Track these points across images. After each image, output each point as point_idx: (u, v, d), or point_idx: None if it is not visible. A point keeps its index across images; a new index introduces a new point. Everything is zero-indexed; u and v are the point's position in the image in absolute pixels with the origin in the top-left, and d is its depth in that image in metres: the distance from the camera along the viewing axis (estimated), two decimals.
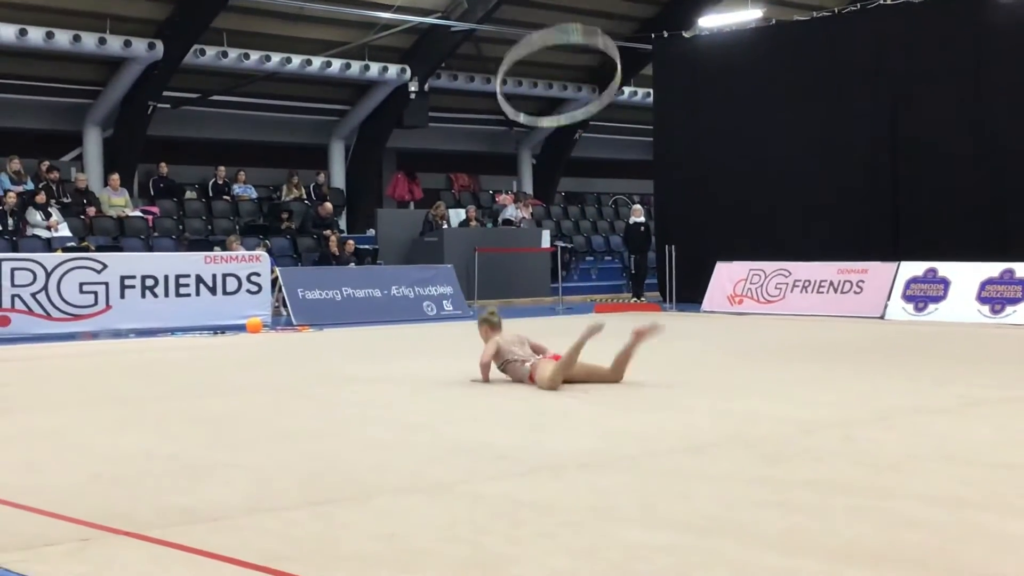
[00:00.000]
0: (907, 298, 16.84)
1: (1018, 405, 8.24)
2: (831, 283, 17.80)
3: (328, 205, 22.98)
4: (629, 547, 4.35)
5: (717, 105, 21.38)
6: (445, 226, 22.86)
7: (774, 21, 22.18)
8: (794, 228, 19.90)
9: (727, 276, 19.10)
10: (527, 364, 9.24)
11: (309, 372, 10.89)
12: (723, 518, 4.79)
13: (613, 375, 9.29)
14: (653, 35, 23.30)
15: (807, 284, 18.08)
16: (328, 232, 21.00)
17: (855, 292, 17.48)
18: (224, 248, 18.89)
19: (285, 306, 17.25)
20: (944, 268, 16.66)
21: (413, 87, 24.64)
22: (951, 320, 16.01)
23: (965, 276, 16.35)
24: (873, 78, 19.33)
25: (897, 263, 17.27)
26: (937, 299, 16.52)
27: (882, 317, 16.84)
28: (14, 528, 4.78)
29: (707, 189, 21.41)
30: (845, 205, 19.50)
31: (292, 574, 4.05)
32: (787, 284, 18.32)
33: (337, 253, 20.01)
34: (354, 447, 6.73)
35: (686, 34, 22.55)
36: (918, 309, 16.65)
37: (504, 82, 9.55)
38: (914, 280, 16.88)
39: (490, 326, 9.62)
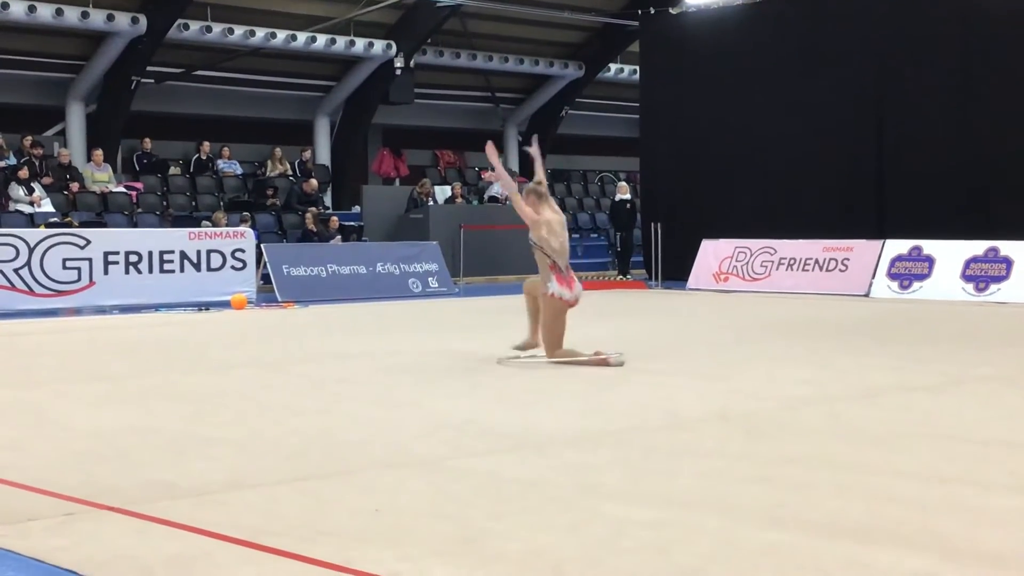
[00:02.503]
0: (892, 276, 16.88)
1: (1001, 383, 8.27)
2: (816, 261, 17.83)
3: (313, 182, 22.90)
4: (613, 522, 4.36)
5: (703, 82, 21.35)
6: (431, 203, 22.81)
7: None
8: (780, 206, 19.90)
9: (713, 254, 19.12)
10: (552, 276, 9.17)
11: (294, 348, 10.87)
12: (707, 494, 4.81)
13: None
14: (640, 11, 23.23)
15: (792, 262, 18.11)
16: (312, 208, 20.90)
17: (840, 270, 17.51)
18: (213, 224, 18.83)
19: (269, 281, 17.21)
20: (929, 246, 16.70)
21: (399, 63, 24.52)
22: (936, 298, 16.05)
23: (950, 254, 16.39)
24: (860, 55, 19.31)
25: (882, 241, 17.30)
26: (922, 277, 16.56)
27: (867, 295, 16.88)
28: None
29: (693, 167, 21.40)
30: (831, 183, 19.50)
31: (277, 549, 4.05)
32: (772, 262, 18.34)
33: (315, 230, 19.91)
34: (339, 423, 6.73)
35: (673, 11, 22.49)
36: (903, 287, 16.69)
37: None
38: (899, 258, 16.92)
39: (537, 196, 9.31)
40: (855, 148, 19.37)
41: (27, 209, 19.13)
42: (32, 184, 19.57)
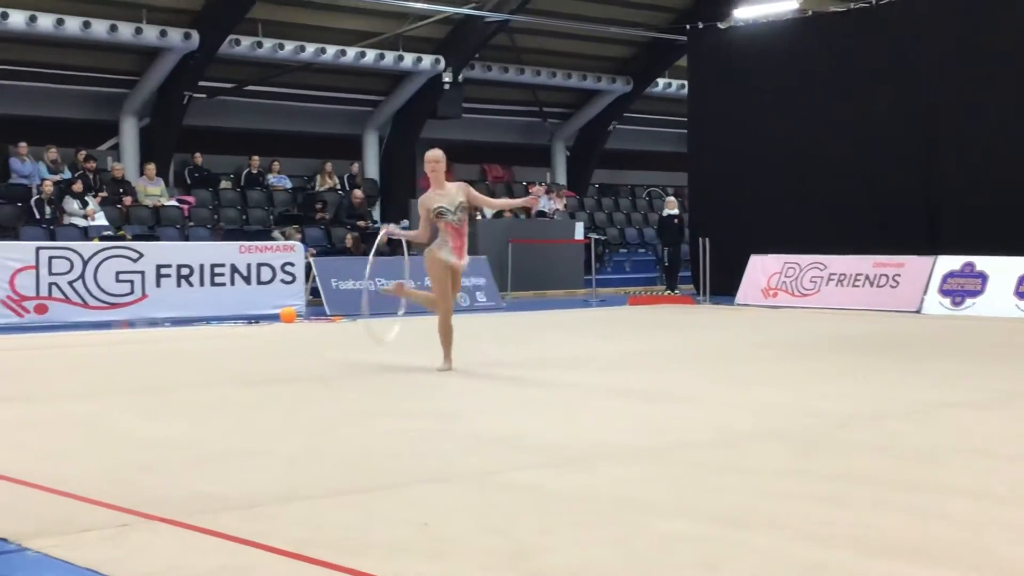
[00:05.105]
0: (944, 292, 16.71)
1: None
2: (867, 277, 17.68)
3: (358, 192, 23.01)
4: (661, 538, 4.35)
5: (752, 97, 21.28)
6: (479, 217, 22.86)
7: (810, 12, 22.03)
8: (829, 221, 19.75)
9: (761, 269, 19.02)
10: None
11: (342, 361, 10.93)
12: (754, 510, 4.78)
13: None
14: (688, 26, 23.20)
15: (842, 278, 17.98)
16: (353, 232, 20.97)
17: (891, 286, 17.36)
18: (285, 238, 19.12)
19: (318, 295, 17.31)
20: (982, 262, 16.51)
21: (447, 78, 24.64)
22: (989, 315, 15.87)
23: (1003, 271, 16.19)
24: (911, 68, 19.16)
25: (934, 257, 17.13)
26: (975, 293, 16.38)
27: (918, 311, 16.72)
28: (50, 514, 4.84)
29: (742, 181, 21.31)
30: (881, 198, 19.34)
31: (325, 561, 4.07)
32: (822, 277, 18.22)
33: (355, 251, 19.98)
34: (387, 436, 6.76)
35: (721, 25, 22.44)
36: (955, 304, 16.52)
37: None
38: (951, 274, 16.75)
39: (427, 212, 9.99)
40: (906, 162, 19.21)
41: (81, 223, 19.40)
42: (86, 198, 19.85)
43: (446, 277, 9.82)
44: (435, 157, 9.93)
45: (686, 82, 24.63)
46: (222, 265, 16.62)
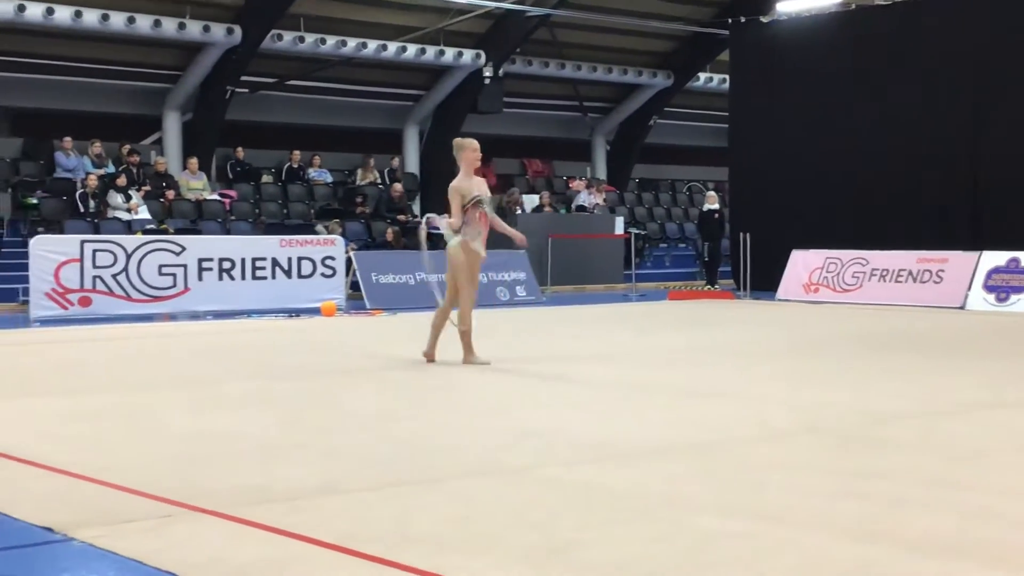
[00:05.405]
0: (988, 288, 16.54)
1: None
2: (910, 272, 17.54)
3: (398, 186, 23.08)
4: (702, 534, 4.34)
5: (794, 91, 21.15)
6: (519, 212, 22.86)
7: (854, 5, 21.86)
8: (872, 216, 19.61)
9: (803, 264, 18.90)
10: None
11: (382, 355, 10.97)
12: (796, 507, 4.76)
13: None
14: (730, 20, 23.08)
15: (885, 273, 17.83)
16: (400, 215, 21.06)
17: (935, 282, 17.21)
18: (328, 232, 19.22)
19: (358, 289, 17.39)
20: None
21: (488, 72, 24.65)
22: None
23: None
24: (955, 64, 18.97)
25: (979, 253, 16.96)
26: (1020, 290, 16.20)
27: (962, 308, 16.56)
28: (96, 505, 4.89)
29: (783, 176, 21.19)
30: (925, 193, 19.18)
31: (367, 554, 4.09)
32: (864, 273, 18.09)
33: (395, 245, 20.07)
34: (428, 430, 6.78)
35: (764, 19, 22.31)
36: (1000, 300, 16.35)
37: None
38: (996, 270, 16.57)
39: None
40: (950, 158, 19.03)
41: (125, 216, 19.58)
42: (130, 192, 20.03)
43: (478, 270, 9.84)
44: (477, 146, 9.92)
45: (727, 76, 24.52)
46: (263, 259, 16.72)
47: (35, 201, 20.07)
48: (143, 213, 19.89)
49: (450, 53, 24.27)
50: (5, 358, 11.10)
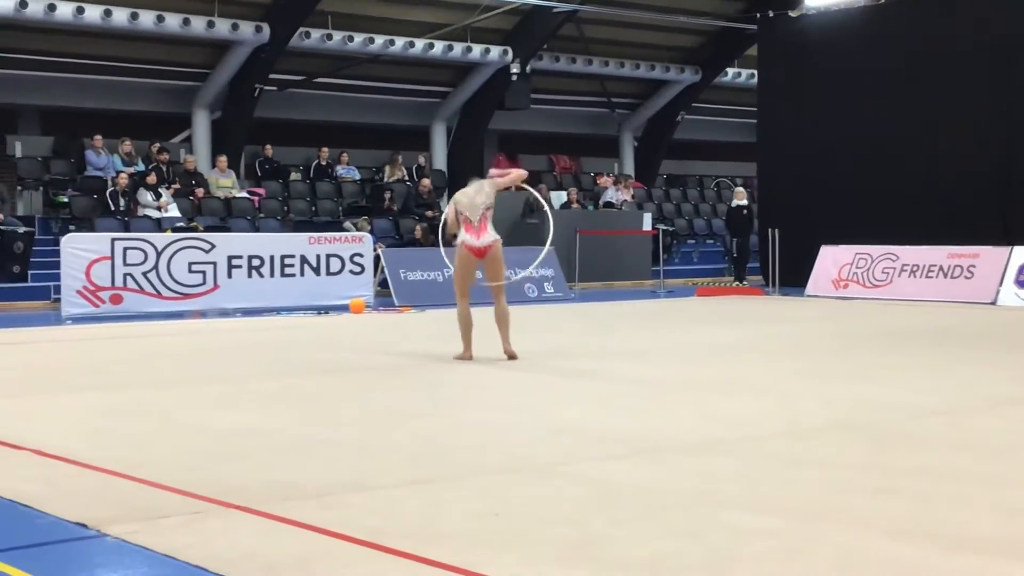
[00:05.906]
0: (1020, 283, 16.41)
1: None
2: (941, 268, 17.41)
3: (426, 181, 23.10)
4: (733, 531, 4.33)
5: (823, 86, 21.03)
6: (546, 208, 22.81)
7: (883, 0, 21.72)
8: (902, 211, 19.48)
9: (832, 260, 18.81)
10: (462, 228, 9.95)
11: (411, 352, 10.98)
12: (828, 503, 4.74)
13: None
14: (758, 15, 22.98)
15: (915, 269, 17.72)
16: (422, 223, 21.06)
17: (966, 277, 17.08)
18: (357, 229, 19.28)
19: (386, 286, 17.41)
20: None
21: (515, 69, 24.64)
22: None
23: None
24: (986, 58, 18.82)
25: (1010, 248, 16.82)
26: None
27: (994, 303, 16.43)
28: (128, 500, 4.92)
29: (812, 171, 21.08)
30: (956, 188, 19.04)
31: (397, 550, 4.10)
32: (895, 268, 17.97)
33: (423, 242, 20.08)
34: (457, 427, 6.79)
35: (792, 13, 22.20)
36: None
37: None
38: None
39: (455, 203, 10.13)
40: (981, 152, 18.89)
41: (155, 214, 19.69)
42: (159, 190, 20.14)
43: (472, 271, 10.35)
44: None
45: (756, 71, 24.41)
46: (292, 256, 16.77)
47: (66, 199, 20.22)
48: (173, 211, 20.00)
49: (477, 50, 24.28)
50: (37, 355, 11.20)
